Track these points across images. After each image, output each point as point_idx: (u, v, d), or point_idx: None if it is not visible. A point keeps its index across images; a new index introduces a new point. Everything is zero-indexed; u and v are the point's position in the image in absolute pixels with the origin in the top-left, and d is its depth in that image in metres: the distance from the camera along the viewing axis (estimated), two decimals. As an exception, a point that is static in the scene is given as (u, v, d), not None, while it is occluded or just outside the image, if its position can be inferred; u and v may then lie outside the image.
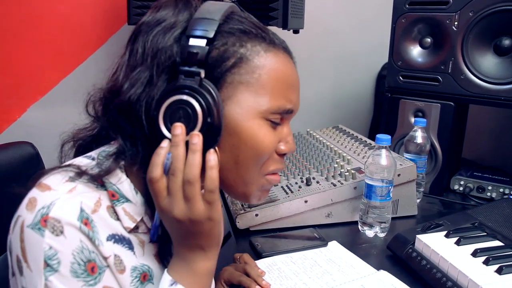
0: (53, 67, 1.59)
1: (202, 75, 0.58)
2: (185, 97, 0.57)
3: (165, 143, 0.58)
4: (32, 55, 1.56)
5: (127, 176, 0.63)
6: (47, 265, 0.53)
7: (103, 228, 0.58)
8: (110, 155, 0.62)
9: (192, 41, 0.59)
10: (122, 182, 0.62)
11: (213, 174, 0.57)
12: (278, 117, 0.66)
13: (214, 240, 0.61)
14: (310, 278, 0.89)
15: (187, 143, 0.58)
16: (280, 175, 1.18)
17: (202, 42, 0.59)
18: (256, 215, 1.06)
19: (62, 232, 0.54)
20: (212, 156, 0.58)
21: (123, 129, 0.61)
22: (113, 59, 0.66)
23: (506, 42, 1.23)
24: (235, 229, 1.07)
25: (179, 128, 0.57)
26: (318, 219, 1.11)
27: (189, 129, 0.58)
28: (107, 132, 0.63)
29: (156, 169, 0.57)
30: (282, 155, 0.69)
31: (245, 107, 0.62)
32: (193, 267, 0.61)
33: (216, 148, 0.60)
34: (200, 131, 0.58)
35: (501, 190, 1.33)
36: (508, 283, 0.78)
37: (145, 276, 0.64)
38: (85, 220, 0.56)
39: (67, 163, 0.64)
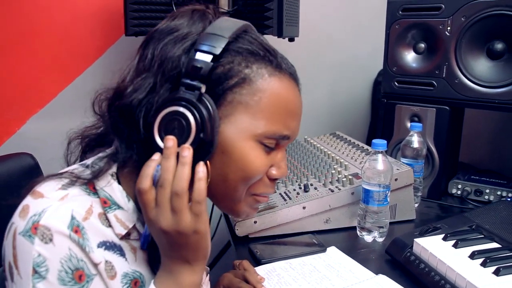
0: (51, 79, 1.61)
1: (203, 90, 0.59)
2: (181, 109, 0.58)
3: (156, 156, 0.59)
4: (30, 67, 1.57)
5: (119, 183, 0.64)
6: (35, 272, 0.54)
7: (94, 235, 0.59)
8: (104, 157, 0.63)
9: (198, 55, 0.59)
10: (114, 189, 0.63)
11: (200, 185, 0.58)
12: (273, 142, 0.66)
13: (200, 253, 0.61)
14: (309, 283, 0.89)
15: (178, 156, 0.58)
16: (278, 182, 1.19)
17: (208, 58, 0.59)
18: (255, 222, 1.06)
19: (51, 240, 0.54)
20: (201, 168, 0.59)
21: (121, 131, 0.62)
22: (111, 70, 0.66)
23: (499, 46, 1.25)
24: (234, 236, 1.07)
25: (171, 141, 0.58)
26: (317, 225, 1.11)
27: (181, 141, 0.58)
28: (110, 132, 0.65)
29: (145, 180, 0.57)
30: (273, 179, 0.69)
31: (240, 127, 0.62)
32: (179, 280, 0.60)
33: (208, 162, 0.61)
34: (192, 144, 0.58)
35: (499, 193, 1.33)
36: (506, 284, 0.78)
37: (136, 283, 0.64)
38: (76, 228, 0.57)
39: (62, 170, 0.65)
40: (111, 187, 0.63)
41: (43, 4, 1.55)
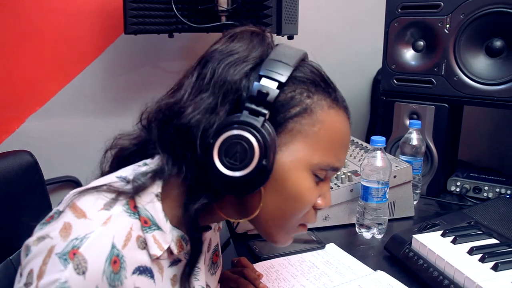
0: (51, 78, 1.61)
1: (267, 116, 0.58)
2: (245, 133, 0.57)
3: None
4: (30, 66, 1.57)
5: (162, 204, 0.62)
6: None
7: (131, 263, 0.58)
8: (147, 172, 0.62)
9: (264, 81, 0.59)
10: (156, 209, 0.61)
11: None
12: (324, 173, 0.65)
13: None
14: (307, 280, 0.89)
15: None
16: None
17: (274, 85, 0.59)
18: (254, 219, 1.06)
19: (84, 272, 0.52)
20: None
21: (173, 149, 0.61)
22: (111, 69, 0.65)
23: (498, 43, 1.25)
24: (233, 233, 1.07)
25: None
26: (316, 222, 1.11)
27: (242, 166, 0.57)
28: (154, 146, 0.63)
29: None
30: (317, 209, 0.69)
31: (297, 157, 0.62)
32: None
33: (262, 188, 0.60)
34: (253, 171, 0.57)
35: (498, 190, 1.34)
36: (504, 279, 0.78)
37: None
38: (115, 258, 0.55)
39: (100, 183, 0.62)
40: (154, 207, 0.61)
41: (42, 3, 1.55)
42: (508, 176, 1.42)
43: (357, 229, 1.10)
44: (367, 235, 1.08)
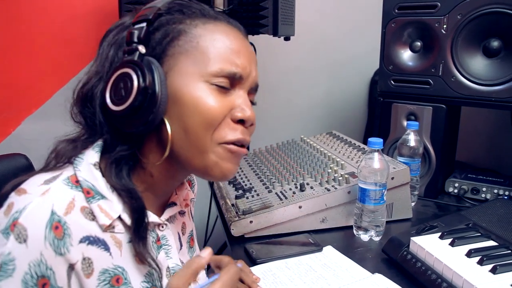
0: (47, 80, 1.60)
1: (142, 50, 0.63)
2: (124, 69, 0.62)
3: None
4: (25, 68, 1.56)
5: (103, 175, 0.64)
6: (1, 268, 0.53)
7: (76, 230, 0.58)
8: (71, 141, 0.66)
9: (135, 26, 0.64)
10: (97, 179, 0.63)
11: None
12: (225, 81, 0.66)
13: None
14: (305, 283, 0.89)
15: None
16: (274, 181, 1.19)
17: (143, 25, 0.64)
18: (251, 222, 1.06)
19: (25, 240, 0.54)
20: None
21: (84, 117, 0.66)
22: None
23: (495, 43, 1.24)
24: (230, 236, 1.07)
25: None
26: (313, 225, 1.11)
27: (127, 96, 0.61)
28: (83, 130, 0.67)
29: None
30: (240, 122, 0.67)
31: (186, 73, 0.64)
32: None
33: (165, 118, 0.63)
34: (137, 97, 0.60)
35: (496, 191, 1.33)
36: (503, 282, 0.78)
37: (118, 280, 0.63)
38: (56, 224, 0.56)
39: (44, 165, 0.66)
40: (94, 177, 0.63)
41: (39, 5, 1.54)
42: (506, 177, 1.41)
43: (354, 231, 1.10)
44: (364, 237, 1.07)
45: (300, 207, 1.08)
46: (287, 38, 1.40)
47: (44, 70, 1.59)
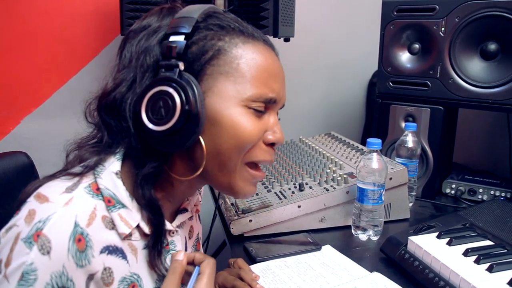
0: (46, 79, 1.60)
1: (181, 67, 0.61)
2: (164, 87, 0.60)
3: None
4: (26, 67, 1.57)
5: (123, 184, 0.64)
6: (22, 278, 0.53)
7: (98, 241, 0.59)
8: (93, 147, 0.65)
9: (172, 38, 0.62)
10: (118, 187, 0.63)
11: None
12: (261, 106, 0.66)
13: None
14: (304, 281, 0.89)
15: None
16: (274, 181, 1.19)
17: (181, 38, 0.62)
18: (250, 221, 1.07)
19: (49, 252, 0.54)
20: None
21: (109, 126, 0.64)
22: (107, 70, 0.68)
23: (492, 46, 1.26)
24: (229, 235, 1.07)
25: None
26: (312, 224, 1.12)
27: (169, 118, 0.59)
28: (103, 136, 0.65)
29: None
30: (270, 145, 0.69)
31: (225, 96, 0.64)
32: None
33: (201, 137, 0.62)
34: (180, 118, 0.59)
35: (492, 192, 1.34)
36: (499, 280, 0.79)
37: (134, 287, 0.64)
38: (79, 236, 0.56)
39: (62, 170, 0.65)
40: (115, 186, 0.63)
41: (39, 4, 1.54)
42: (503, 178, 1.43)
43: (353, 231, 1.10)
44: (363, 237, 1.08)
45: (299, 206, 1.09)
46: (287, 39, 1.41)
47: (43, 69, 1.59)
